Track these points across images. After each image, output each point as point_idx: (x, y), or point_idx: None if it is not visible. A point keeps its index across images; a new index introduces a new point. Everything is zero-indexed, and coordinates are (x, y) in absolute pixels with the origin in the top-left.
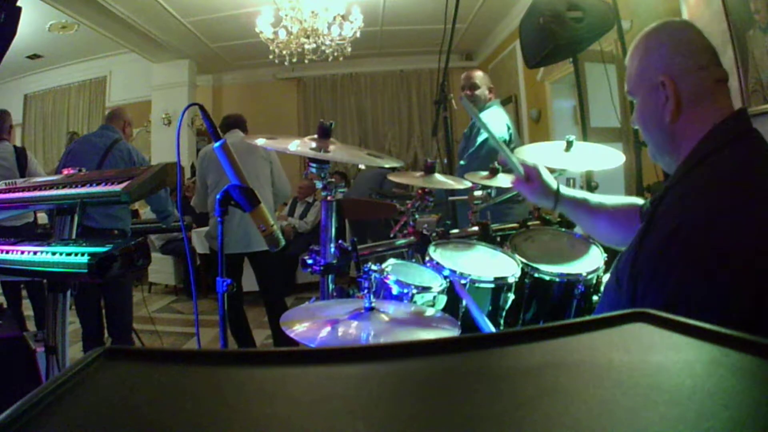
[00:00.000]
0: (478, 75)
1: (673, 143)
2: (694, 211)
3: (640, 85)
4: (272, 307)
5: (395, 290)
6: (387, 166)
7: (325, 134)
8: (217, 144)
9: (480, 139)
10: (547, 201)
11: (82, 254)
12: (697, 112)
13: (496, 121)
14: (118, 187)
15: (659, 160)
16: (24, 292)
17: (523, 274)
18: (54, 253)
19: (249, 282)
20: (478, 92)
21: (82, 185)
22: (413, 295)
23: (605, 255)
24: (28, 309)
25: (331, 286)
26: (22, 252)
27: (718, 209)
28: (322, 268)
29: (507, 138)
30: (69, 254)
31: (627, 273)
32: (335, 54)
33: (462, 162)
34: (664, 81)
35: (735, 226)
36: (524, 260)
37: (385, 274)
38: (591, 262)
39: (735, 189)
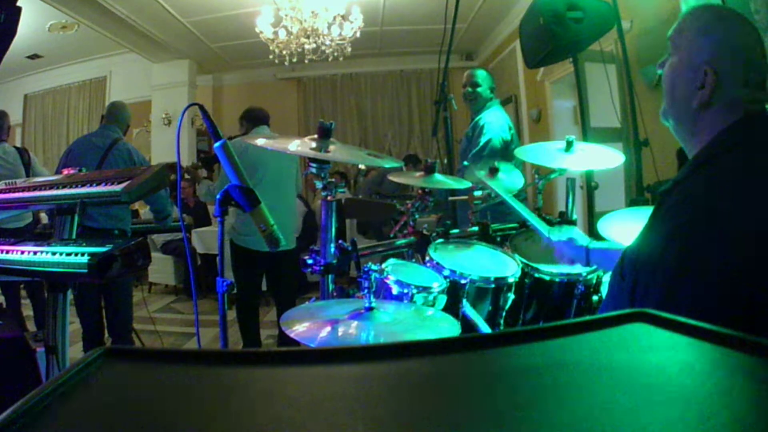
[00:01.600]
0: (481, 74)
1: (691, 125)
2: (696, 212)
3: (684, 52)
4: (286, 306)
5: (395, 290)
6: (387, 166)
7: (325, 134)
8: (217, 144)
9: (483, 139)
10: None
11: (82, 254)
12: (724, 113)
13: (497, 122)
14: (118, 187)
15: (669, 123)
16: (23, 292)
17: (523, 274)
18: (54, 253)
19: None
20: (479, 90)
21: (82, 185)
22: (413, 295)
23: None
24: (27, 309)
25: (331, 286)
26: (22, 252)
27: (719, 212)
28: (322, 268)
29: (508, 138)
30: (69, 254)
31: (631, 267)
32: (335, 54)
33: (465, 162)
34: (708, 72)
35: (733, 230)
36: (524, 260)
37: (385, 274)
38: None
39: (736, 193)
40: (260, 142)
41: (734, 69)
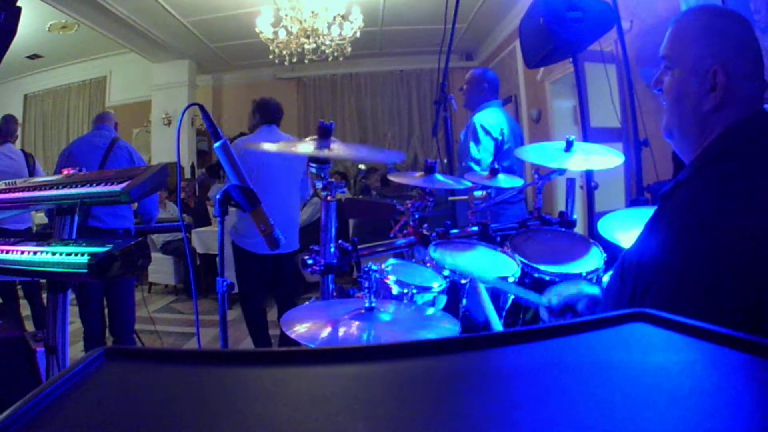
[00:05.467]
0: (476, 73)
1: (700, 130)
2: (702, 214)
3: (686, 60)
4: (286, 307)
5: (395, 290)
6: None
7: (325, 134)
8: (217, 144)
9: (472, 144)
10: None
11: (82, 254)
12: (734, 111)
13: (491, 120)
14: (118, 187)
15: (674, 137)
16: (21, 292)
17: (523, 274)
18: (54, 253)
19: None
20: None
21: (82, 185)
22: (413, 295)
23: (605, 255)
24: (26, 309)
25: (331, 286)
26: (22, 252)
27: (725, 213)
28: (322, 268)
29: (500, 139)
30: (69, 254)
31: (631, 271)
32: (335, 54)
33: (464, 164)
34: (718, 71)
35: (740, 233)
36: (524, 260)
37: (385, 274)
38: (591, 262)
39: (743, 194)
40: (265, 146)
41: (743, 63)
